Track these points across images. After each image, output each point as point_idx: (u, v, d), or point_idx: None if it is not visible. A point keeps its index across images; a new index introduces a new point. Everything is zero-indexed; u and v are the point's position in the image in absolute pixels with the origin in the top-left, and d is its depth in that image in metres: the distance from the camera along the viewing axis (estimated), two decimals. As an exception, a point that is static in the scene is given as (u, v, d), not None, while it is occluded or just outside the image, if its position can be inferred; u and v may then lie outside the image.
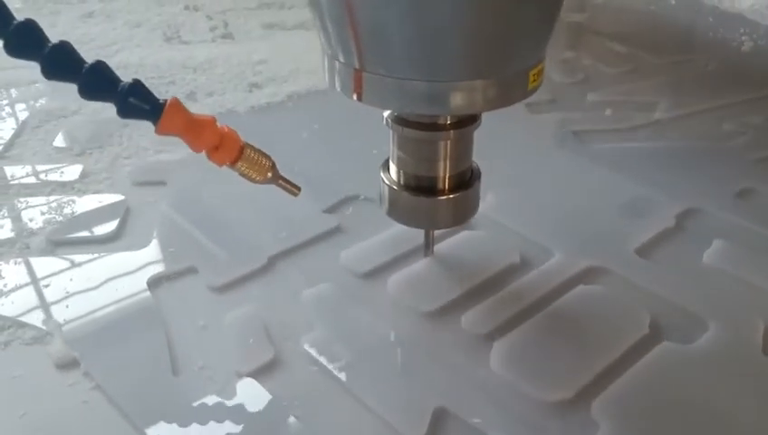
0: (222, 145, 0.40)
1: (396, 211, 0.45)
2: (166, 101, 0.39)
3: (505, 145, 0.64)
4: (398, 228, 0.53)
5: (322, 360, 0.41)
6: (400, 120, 0.42)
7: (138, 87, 0.38)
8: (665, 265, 0.50)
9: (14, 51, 0.36)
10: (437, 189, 0.43)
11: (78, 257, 0.50)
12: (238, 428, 0.37)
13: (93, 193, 0.58)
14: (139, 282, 0.48)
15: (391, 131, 0.43)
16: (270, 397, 0.39)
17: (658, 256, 0.51)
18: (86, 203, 0.57)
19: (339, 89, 0.39)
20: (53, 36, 0.36)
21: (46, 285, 0.48)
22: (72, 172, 0.61)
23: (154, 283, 0.48)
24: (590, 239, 0.52)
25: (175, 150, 0.63)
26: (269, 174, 0.42)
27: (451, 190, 0.43)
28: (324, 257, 0.51)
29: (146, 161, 0.63)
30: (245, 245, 0.51)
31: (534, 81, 0.38)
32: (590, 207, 0.57)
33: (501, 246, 0.51)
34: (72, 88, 0.37)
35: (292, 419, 0.38)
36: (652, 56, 0.90)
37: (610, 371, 0.41)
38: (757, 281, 0.48)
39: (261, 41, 0.94)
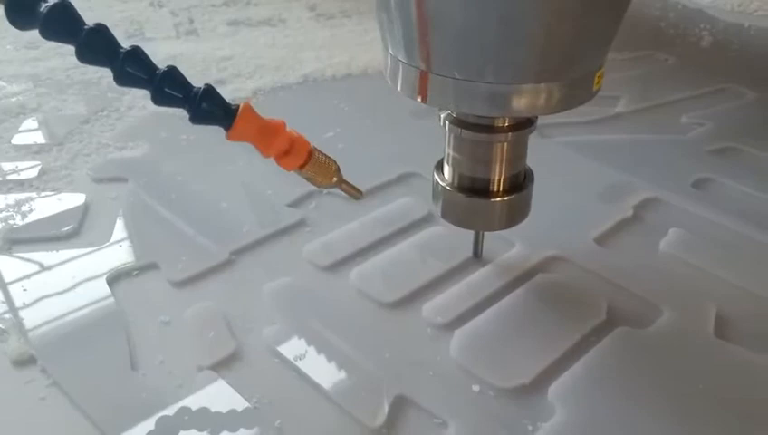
0: (292, 150, 0.39)
1: (449, 212, 0.44)
2: (238, 106, 0.37)
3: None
4: (360, 221, 0.53)
5: (283, 352, 0.41)
6: (458, 122, 0.41)
7: (211, 92, 0.36)
8: (622, 254, 0.51)
9: (84, 58, 0.34)
10: (492, 191, 0.43)
11: (36, 255, 0.50)
12: (198, 421, 0.37)
13: (52, 191, 0.57)
14: (99, 278, 0.47)
15: (447, 132, 0.42)
16: (231, 390, 0.39)
17: (617, 245, 0.52)
18: (45, 201, 0.56)
19: (400, 89, 0.39)
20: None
21: (3, 283, 0.47)
22: (30, 170, 0.60)
23: (114, 279, 0.47)
24: (549, 229, 0.53)
25: (136, 147, 0.63)
26: (334, 178, 0.41)
27: (506, 192, 0.43)
28: (287, 251, 0.51)
29: (106, 158, 0.62)
30: (207, 239, 0.51)
31: (598, 82, 0.38)
32: (550, 198, 0.57)
33: (463, 240, 0.51)
34: (30, 83, 0.36)
35: (253, 411, 0.38)
36: (613, 51, 0.91)
37: (567, 356, 0.41)
38: (710, 268, 0.49)
39: (226, 37, 0.94)
